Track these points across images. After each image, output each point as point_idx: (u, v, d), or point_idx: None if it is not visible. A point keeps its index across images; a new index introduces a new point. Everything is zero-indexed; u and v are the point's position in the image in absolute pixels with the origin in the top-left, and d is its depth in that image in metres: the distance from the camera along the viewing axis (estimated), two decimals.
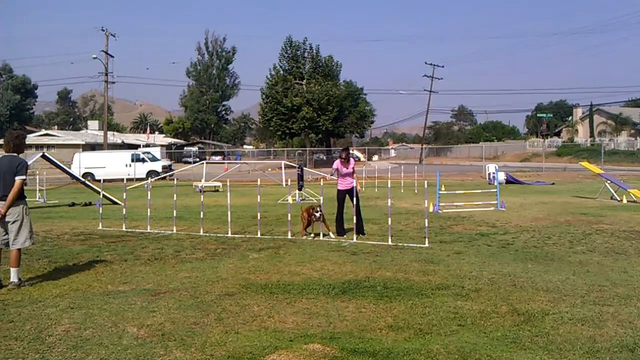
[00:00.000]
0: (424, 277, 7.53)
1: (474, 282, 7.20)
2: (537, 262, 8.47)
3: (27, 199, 7.48)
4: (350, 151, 12.49)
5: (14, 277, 7.14)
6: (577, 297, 6.42)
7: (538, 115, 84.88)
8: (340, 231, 11.64)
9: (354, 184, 11.85)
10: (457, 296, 6.49)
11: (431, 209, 15.42)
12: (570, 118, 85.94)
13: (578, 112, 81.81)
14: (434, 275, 7.63)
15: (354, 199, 11.50)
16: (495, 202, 16.57)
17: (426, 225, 10.49)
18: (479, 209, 16.03)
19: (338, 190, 12.05)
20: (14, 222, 7.16)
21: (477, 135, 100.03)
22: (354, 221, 11.13)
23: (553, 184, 29.49)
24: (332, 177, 12.50)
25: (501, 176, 26.91)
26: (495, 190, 17.36)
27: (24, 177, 7.20)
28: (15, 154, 7.37)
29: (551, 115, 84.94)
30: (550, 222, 13.18)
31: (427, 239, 10.23)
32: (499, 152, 74.61)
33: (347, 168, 11.84)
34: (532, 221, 13.45)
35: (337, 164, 12.04)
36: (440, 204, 16.31)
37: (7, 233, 7.21)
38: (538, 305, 6.07)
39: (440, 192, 16.96)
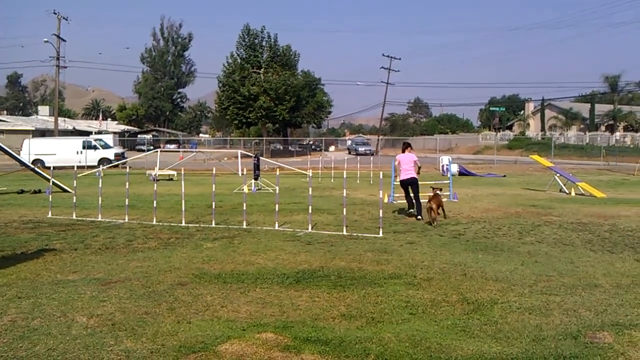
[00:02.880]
0: (378, 266, 7.61)
1: (426, 271, 7.31)
2: (487, 253, 8.66)
3: None
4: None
5: None
6: (525, 286, 6.59)
7: (491, 109, 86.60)
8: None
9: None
10: (409, 285, 6.58)
11: (386, 200, 15.57)
12: (522, 112, 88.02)
13: (530, 107, 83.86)
14: (387, 264, 7.72)
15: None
16: (448, 193, 16.84)
17: (381, 215, 10.60)
18: None
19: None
20: None
21: (432, 127, 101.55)
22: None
23: (504, 176, 30.13)
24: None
25: (454, 168, 27.40)
26: (448, 181, 17.63)
27: None
28: None
29: (504, 109, 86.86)
30: (501, 214, 13.48)
31: (381, 229, 10.34)
32: (452, 144, 75.76)
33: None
34: (483, 212, 13.73)
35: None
36: (395, 195, 16.46)
37: None
38: (487, 295, 6.21)
39: (395, 183, 17.10)
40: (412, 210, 13.10)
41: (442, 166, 30.63)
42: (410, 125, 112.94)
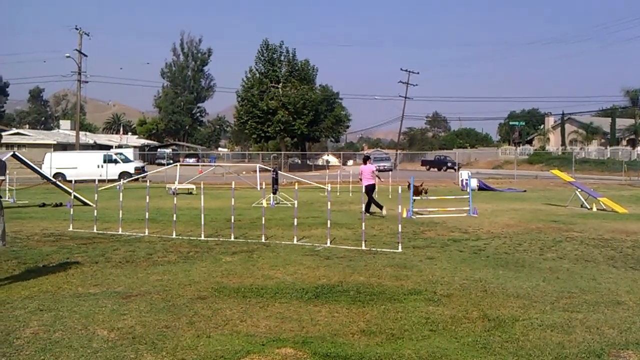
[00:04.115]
0: (397, 282, 7.57)
1: (446, 287, 7.26)
2: (508, 269, 8.58)
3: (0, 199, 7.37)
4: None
5: None
6: (547, 303, 6.51)
7: (511, 123, 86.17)
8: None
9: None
10: (429, 301, 6.54)
11: (405, 215, 15.50)
12: (542, 126, 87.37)
13: (550, 121, 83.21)
14: (407, 280, 7.68)
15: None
16: (468, 208, 16.74)
17: (399, 230, 10.56)
18: (452, 215, 16.18)
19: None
20: None
21: (451, 141, 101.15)
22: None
23: (525, 191, 29.87)
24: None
25: (474, 183, 27.18)
26: (467, 196, 17.53)
27: (2, 177, 7.10)
28: None
29: (523, 124, 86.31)
30: (522, 229, 13.36)
31: (400, 244, 10.29)
32: (472, 158, 75.41)
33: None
34: (504, 228, 13.62)
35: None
36: (414, 210, 16.41)
37: None
38: (508, 311, 6.15)
39: (413, 197, 17.06)
40: (377, 211, 16.24)
41: (462, 181, 30.48)
42: (428, 140, 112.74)
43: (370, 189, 16.48)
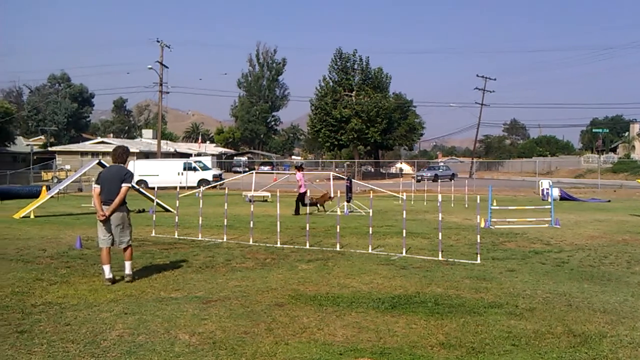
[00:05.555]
0: (476, 294, 7.38)
1: (528, 301, 7.02)
2: (594, 282, 8.21)
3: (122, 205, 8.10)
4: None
5: (128, 270, 7.99)
6: (637, 319, 6.19)
7: (593, 130, 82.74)
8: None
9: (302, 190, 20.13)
10: (511, 315, 6.33)
11: (483, 225, 15.11)
12: (626, 134, 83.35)
13: (635, 128, 79.17)
14: (487, 292, 7.47)
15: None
16: (550, 218, 16.16)
17: (478, 241, 10.31)
18: (533, 225, 15.66)
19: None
20: (117, 226, 7.99)
21: (530, 149, 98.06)
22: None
23: (609, 201, 28.60)
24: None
25: (555, 192, 26.22)
26: (549, 206, 16.93)
27: (129, 184, 8.00)
28: (123, 165, 8.20)
29: (607, 131, 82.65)
30: (607, 241, 12.77)
31: (479, 255, 10.04)
32: (552, 167, 72.86)
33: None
34: (588, 239, 13.06)
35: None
36: (492, 220, 16.00)
37: (111, 234, 7.97)
38: (595, 327, 5.88)
39: (492, 207, 16.64)
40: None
41: (542, 190, 29.49)
42: (506, 147, 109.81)
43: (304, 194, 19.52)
